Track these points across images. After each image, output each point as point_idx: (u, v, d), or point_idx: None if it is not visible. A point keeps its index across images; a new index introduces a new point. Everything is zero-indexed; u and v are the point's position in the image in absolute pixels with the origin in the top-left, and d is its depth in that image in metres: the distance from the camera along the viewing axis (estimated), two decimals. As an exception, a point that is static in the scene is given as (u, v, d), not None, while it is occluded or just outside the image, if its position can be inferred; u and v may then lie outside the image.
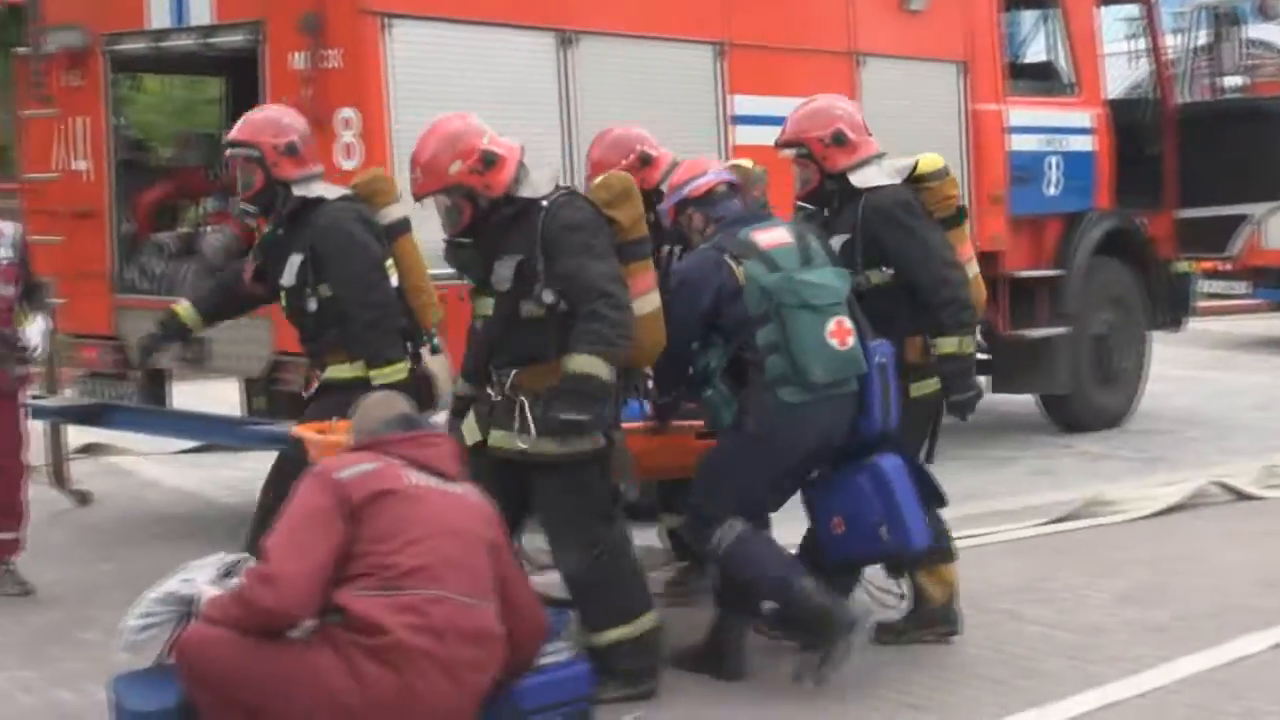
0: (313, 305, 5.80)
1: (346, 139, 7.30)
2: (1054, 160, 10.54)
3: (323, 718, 4.29)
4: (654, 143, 6.55)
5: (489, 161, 5.22)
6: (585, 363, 5.07)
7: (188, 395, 9.21)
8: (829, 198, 6.05)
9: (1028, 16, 11.46)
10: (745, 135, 8.61)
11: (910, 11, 9.67)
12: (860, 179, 5.95)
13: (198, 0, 7.87)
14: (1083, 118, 10.85)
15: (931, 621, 5.93)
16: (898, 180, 6.02)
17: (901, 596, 5.97)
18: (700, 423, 5.79)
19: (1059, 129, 10.63)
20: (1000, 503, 8.51)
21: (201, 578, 4.64)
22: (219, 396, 9.31)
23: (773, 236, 5.57)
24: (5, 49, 9.12)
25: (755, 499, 5.55)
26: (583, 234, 5.18)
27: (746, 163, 6.52)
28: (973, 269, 6.22)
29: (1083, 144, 10.77)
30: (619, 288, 5.14)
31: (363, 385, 5.52)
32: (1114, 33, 13.29)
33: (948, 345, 5.86)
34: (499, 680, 4.60)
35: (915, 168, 6.08)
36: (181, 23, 7.98)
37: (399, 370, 5.71)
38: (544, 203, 5.24)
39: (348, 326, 5.76)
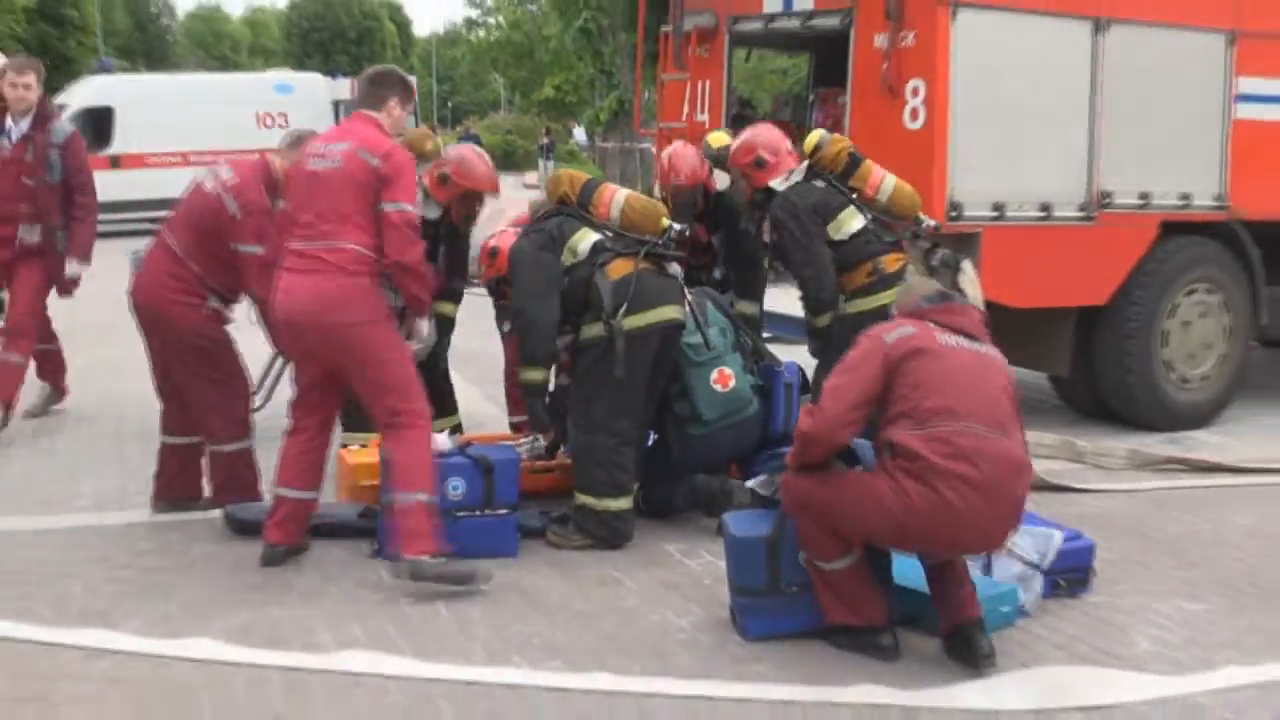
0: None
1: (913, 104, 8.30)
2: None
3: (878, 524, 4.98)
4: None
5: None
6: None
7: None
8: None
9: None
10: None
11: None
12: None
13: (801, -10, 9.20)
14: None
15: None
16: (792, 181, 7.35)
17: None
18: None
19: None
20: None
21: None
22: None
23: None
24: (648, 30, 10.82)
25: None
26: None
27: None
28: (886, 189, 7.36)
29: None
30: None
31: None
32: None
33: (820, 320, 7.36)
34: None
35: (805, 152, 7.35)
36: (788, 9, 9.40)
37: None
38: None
39: None
